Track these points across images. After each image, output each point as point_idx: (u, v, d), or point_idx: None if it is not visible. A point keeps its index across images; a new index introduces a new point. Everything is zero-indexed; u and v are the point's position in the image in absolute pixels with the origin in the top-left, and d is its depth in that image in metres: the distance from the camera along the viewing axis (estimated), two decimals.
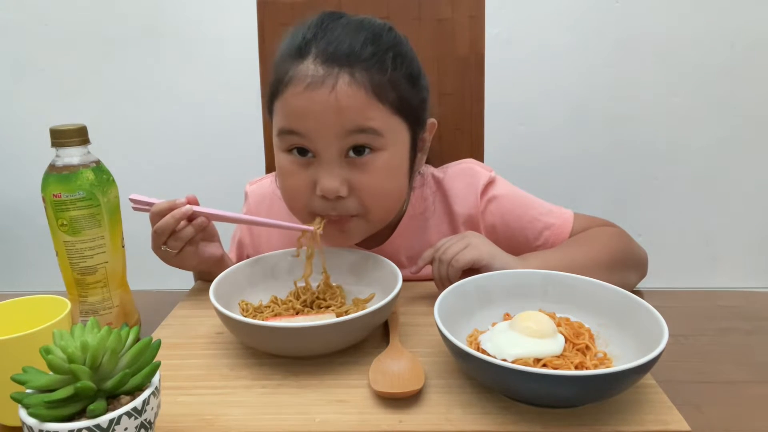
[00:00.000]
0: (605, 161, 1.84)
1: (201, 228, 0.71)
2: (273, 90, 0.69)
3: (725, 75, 1.76)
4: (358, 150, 0.67)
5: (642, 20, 1.72)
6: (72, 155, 0.61)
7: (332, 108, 0.63)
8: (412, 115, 0.70)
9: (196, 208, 0.70)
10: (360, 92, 0.64)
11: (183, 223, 0.70)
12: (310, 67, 0.64)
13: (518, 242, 0.81)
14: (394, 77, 0.66)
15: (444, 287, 0.61)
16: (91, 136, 0.63)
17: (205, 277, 0.81)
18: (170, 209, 0.69)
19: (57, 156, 0.61)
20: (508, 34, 1.71)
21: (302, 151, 0.68)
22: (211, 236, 0.75)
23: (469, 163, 0.86)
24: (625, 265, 0.76)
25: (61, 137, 0.60)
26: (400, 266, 0.69)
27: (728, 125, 1.81)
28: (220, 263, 0.76)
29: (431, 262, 0.71)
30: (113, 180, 0.65)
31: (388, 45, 0.67)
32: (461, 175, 0.84)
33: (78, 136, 0.61)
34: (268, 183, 0.89)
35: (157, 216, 0.69)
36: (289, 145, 0.68)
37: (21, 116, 1.85)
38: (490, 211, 0.82)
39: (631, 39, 1.74)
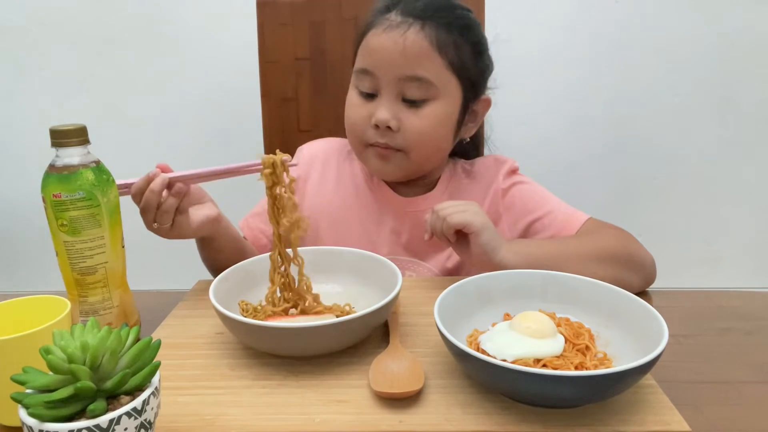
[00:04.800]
0: (605, 161, 1.84)
1: (182, 195, 0.70)
2: (360, 34, 0.83)
3: (725, 74, 1.76)
4: (413, 101, 0.79)
5: (642, 20, 1.72)
6: (72, 155, 0.61)
7: (399, 48, 0.77)
8: (468, 80, 0.81)
9: (170, 175, 0.70)
10: (425, 42, 0.77)
11: (165, 193, 0.69)
12: (391, 17, 0.79)
13: (528, 227, 0.87)
14: (458, 41, 0.79)
15: (431, 237, 0.75)
16: (90, 136, 0.62)
17: (207, 245, 0.81)
18: (147, 183, 0.69)
19: (57, 156, 0.61)
20: (508, 34, 1.71)
21: (369, 97, 0.82)
22: (199, 198, 0.76)
23: (495, 155, 0.97)
24: (619, 263, 0.74)
25: (61, 137, 0.60)
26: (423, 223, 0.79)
27: (728, 125, 1.81)
28: (217, 223, 0.77)
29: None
30: (113, 180, 0.65)
31: (460, 16, 0.81)
32: (489, 159, 0.95)
33: (78, 136, 0.61)
34: (322, 141, 0.99)
35: (138, 195, 0.70)
36: (360, 84, 0.82)
37: (21, 116, 1.85)
38: (512, 193, 0.88)
39: (631, 39, 1.74)
